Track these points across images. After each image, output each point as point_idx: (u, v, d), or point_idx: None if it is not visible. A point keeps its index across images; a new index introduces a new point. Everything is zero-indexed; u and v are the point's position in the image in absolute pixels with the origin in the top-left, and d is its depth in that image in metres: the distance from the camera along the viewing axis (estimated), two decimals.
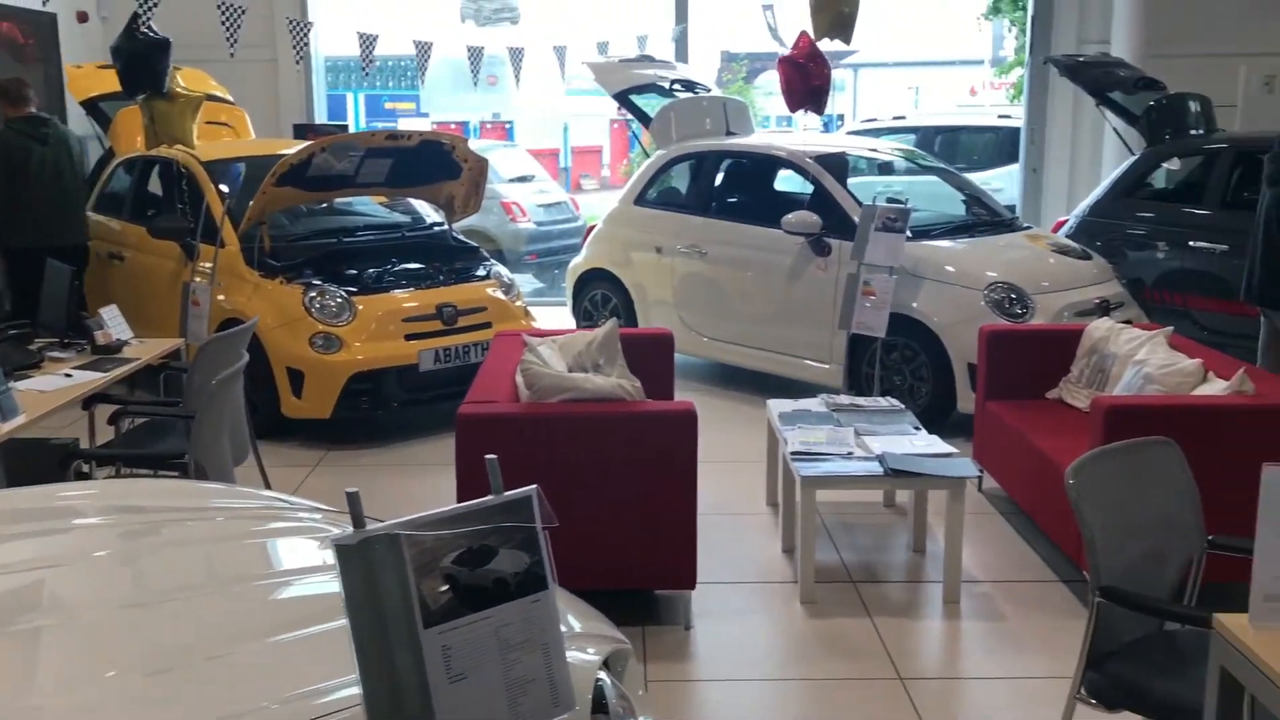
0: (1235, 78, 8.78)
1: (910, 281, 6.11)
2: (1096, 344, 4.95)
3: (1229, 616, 2.19)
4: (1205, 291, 7.21)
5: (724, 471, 5.52)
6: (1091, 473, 2.71)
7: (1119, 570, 2.69)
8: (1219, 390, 4.02)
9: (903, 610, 4.10)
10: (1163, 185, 8.13)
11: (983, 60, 26.86)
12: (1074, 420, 4.63)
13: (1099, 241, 7.44)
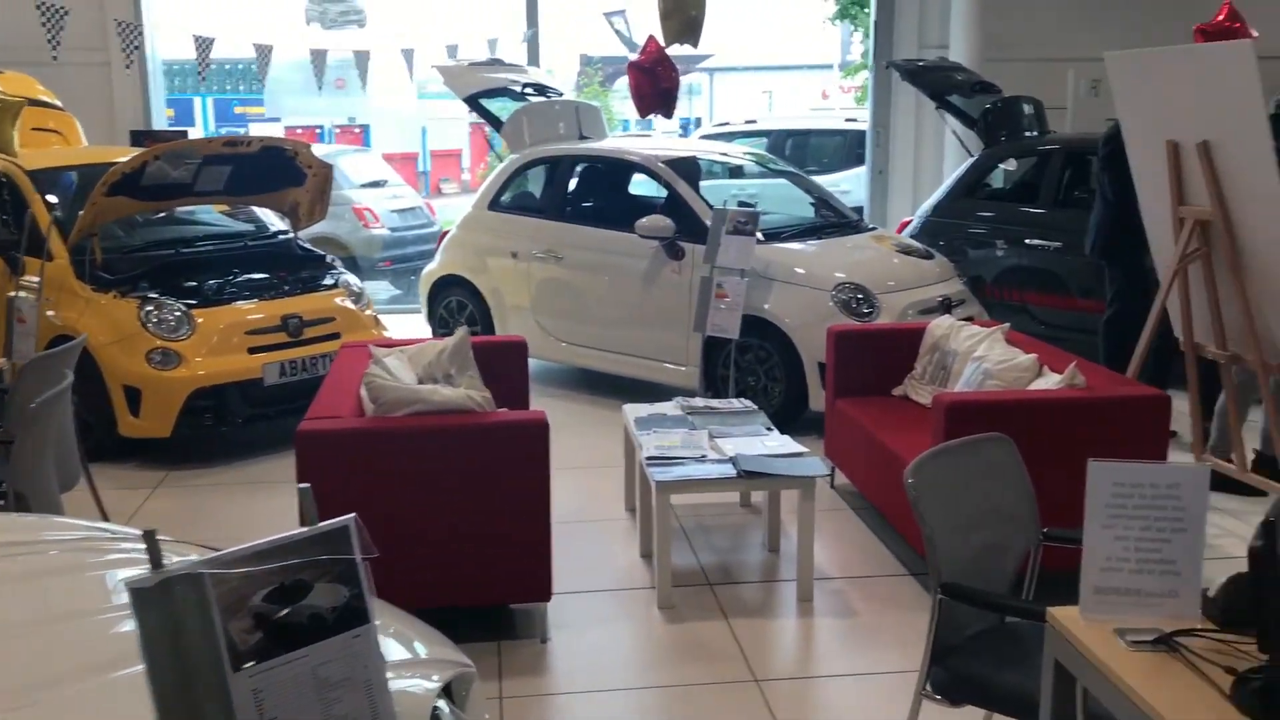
0: (1065, 81, 9.17)
1: (762, 283, 6.18)
2: (938, 341, 5.08)
3: (1061, 610, 2.25)
4: (1042, 287, 7.50)
5: (583, 477, 5.49)
6: (929, 471, 2.76)
7: (960, 565, 2.75)
8: (1053, 384, 4.16)
9: (758, 611, 4.13)
10: (1000, 185, 8.44)
11: (832, 64, 27.52)
12: (918, 416, 4.74)
13: (941, 241, 7.67)
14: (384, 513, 3.59)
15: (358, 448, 3.60)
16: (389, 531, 3.63)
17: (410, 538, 3.64)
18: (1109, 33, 9.26)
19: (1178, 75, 4.50)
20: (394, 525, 3.61)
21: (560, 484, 4.32)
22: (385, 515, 3.60)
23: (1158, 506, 2.20)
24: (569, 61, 28.17)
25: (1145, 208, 5.03)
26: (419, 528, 3.66)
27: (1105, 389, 4.08)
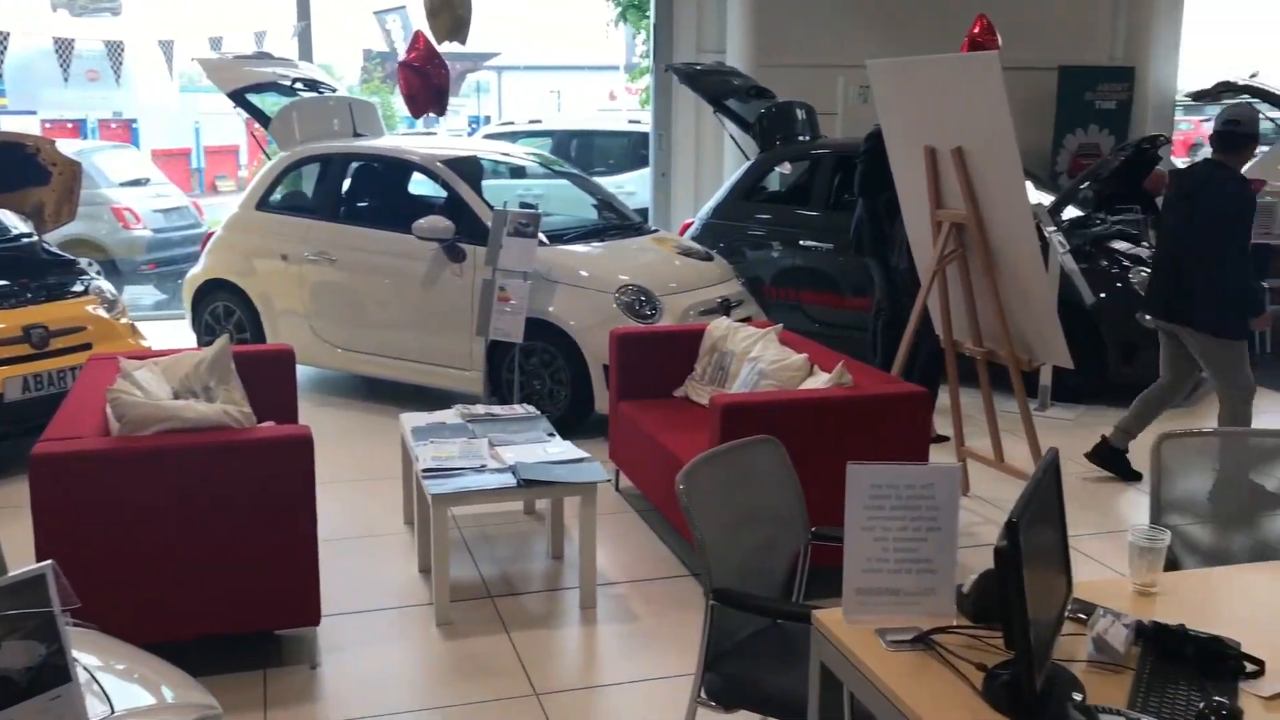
0: (835, 87, 9.49)
1: (545, 286, 6.12)
2: (716, 342, 5.14)
3: (825, 613, 2.27)
4: (816, 287, 7.74)
5: (360, 490, 5.28)
6: (700, 477, 2.75)
7: (733, 569, 2.75)
8: (822, 383, 4.27)
9: (541, 621, 4.05)
10: (776, 188, 8.66)
11: (619, 66, 27.77)
12: (698, 417, 4.78)
13: (721, 243, 7.81)
14: (133, 540, 3.33)
15: (100, 471, 3.31)
16: (139, 560, 3.37)
17: (163, 566, 3.39)
18: (877, 41, 9.65)
19: (933, 83, 4.69)
20: (144, 553, 3.35)
21: (335, 498, 4.15)
22: (135, 543, 3.34)
23: (913, 506, 2.24)
24: (351, 57, 27.36)
25: (906, 210, 5.24)
26: (173, 555, 3.41)
27: (870, 387, 4.21)
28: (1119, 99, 10.58)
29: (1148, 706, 1.89)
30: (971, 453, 5.30)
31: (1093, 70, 10.60)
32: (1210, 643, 2.03)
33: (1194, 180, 5.13)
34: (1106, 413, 6.79)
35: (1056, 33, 10.35)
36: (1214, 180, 4.97)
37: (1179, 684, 1.96)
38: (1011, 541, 1.81)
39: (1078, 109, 10.58)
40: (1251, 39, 17.11)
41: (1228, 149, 4.98)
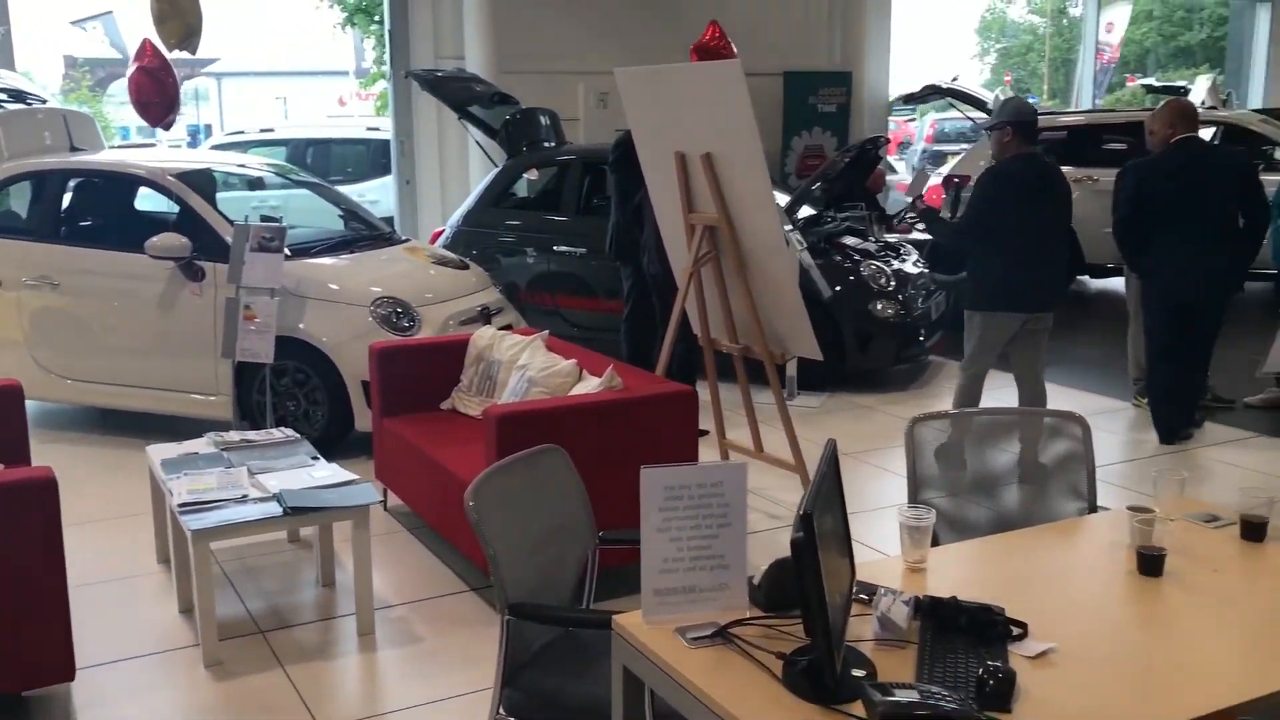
0: (577, 94, 9.63)
1: (294, 302, 5.89)
2: (482, 352, 5.11)
3: (625, 617, 2.30)
4: (572, 291, 7.82)
5: (108, 531, 4.92)
6: (489, 491, 2.73)
7: (526, 580, 2.74)
8: (593, 388, 4.32)
9: (317, 653, 3.90)
10: (525, 194, 8.69)
11: (348, 71, 27.05)
12: (469, 429, 4.73)
13: (474, 250, 7.76)
14: None
15: None
16: None
17: None
18: (615, 48, 9.86)
19: (680, 91, 4.84)
20: None
21: (81, 541, 3.84)
22: None
23: (705, 505, 2.31)
24: (52, 63, 25.40)
25: (660, 214, 5.37)
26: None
27: (640, 389, 4.29)
28: (839, 102, 11.25)
29: (933, 677, 2.02)
30: (732, 444, 5.50)
31: (815, 75, 11.22)
32: (980, 611, 2.20)
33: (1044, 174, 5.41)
34: (848, 398, 7.21)
35: (781, 40, 10.89)
36: (1052, 174, 5.39)
37: (957, 653, 2.11)
38: (807, 532, 1.89)
39: (802, 112, 11.18)
40: (951, 45, 18.56)
41: (1026, 138, 5.32)
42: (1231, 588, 2.42)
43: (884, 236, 8.50)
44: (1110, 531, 2.74)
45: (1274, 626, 2.25)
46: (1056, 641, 2.15)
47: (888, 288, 7.39)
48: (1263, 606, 2.33)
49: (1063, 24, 24.97)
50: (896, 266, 7.67)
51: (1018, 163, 5.34)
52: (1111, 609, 2.37)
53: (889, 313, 7.30)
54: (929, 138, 19.48)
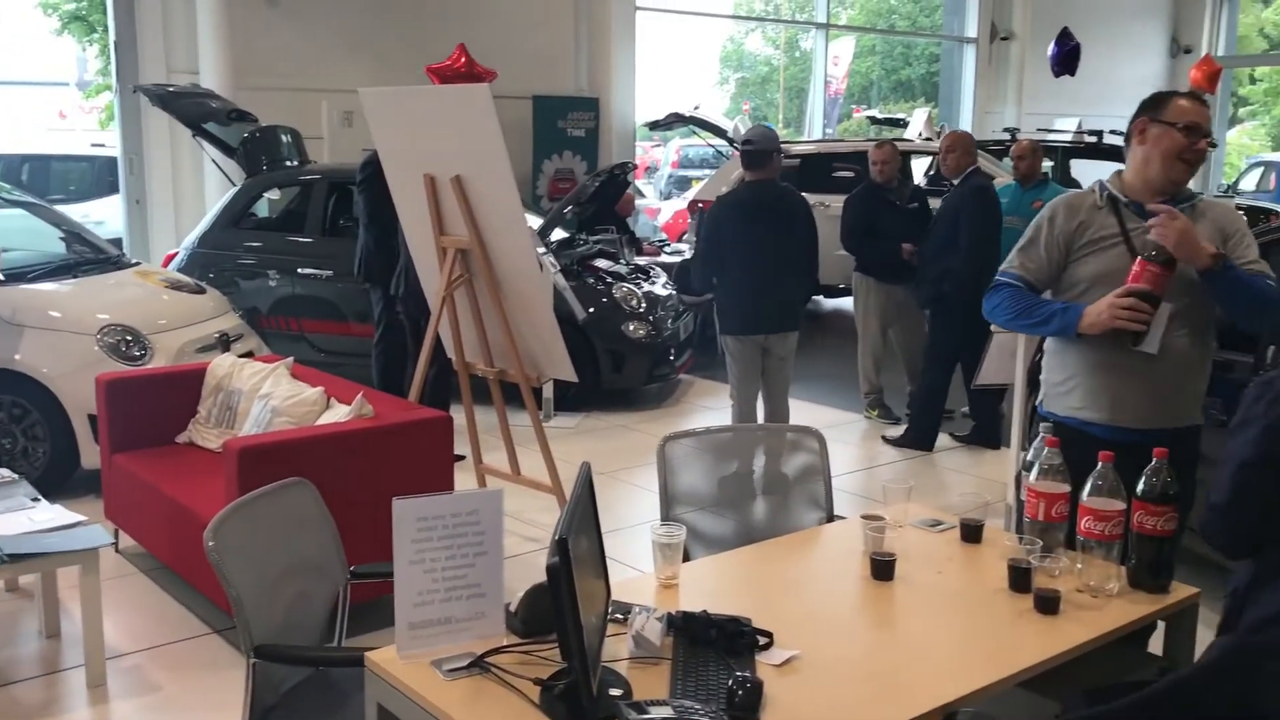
0: (320, 112, 9.36)
1: (10, 331, 5.43)
2: (221, 381, 4.87)
3: (378, 653, 2.25)
4: (318, 315, 7.58)
5: None
6: (230, 529, 2.60)
7: (273, 621, 2.63)
8: (342, 416, 4.19)
9: (42, 710, 3.60)
10: (267, 215, 8.37)
11: (69, 82, 25.26)
12: (208, 464, 4.50)
13: (211, 273, 7.41)
14: None
15: None
16: None
17: None
18: (360, 66, 9.66)
19: (429, 113, 4.79)
20: None
21: None
22: None
23: (460, 534, 2.29)
24: None
25: (410, 237, 5.30)
26: None
27: (392, 416, 4.21)
28: (587, 127, 11.44)
29: (686, 691, 2.08)
30: (489, 469, 5.48)
31: (563, 100, 11.37)
32: (729, 623, 2.28)
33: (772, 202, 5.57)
34: (604, 418, 7.33)
35: (530, 64, 10.97)
36: (786, 199, 5.56)
37: (708, 665, 2.18)
38: (563, 557, 1.91)
39: (552, 136, 11.30)
40: (695, 74, 19.25)
41: (754, 165, 5.48)
42: (953, 588, 2.61)
43: (634, 259, 8.70)
44: (846, 539, 2.89)
45: (990, 623, 2.44)
46: (799, 649, 2.26)
47: (639, 309, 7.56)
48: (980, 604, 2.52)
49: (796, 56, 26.34)
50: (647, 288, 7.86)
51: (747, 190, 5.57)
52: (848, 614, 2.51)
53: (641, 333, 7.47)
54: (675, 163, 20.10)
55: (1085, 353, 3.05)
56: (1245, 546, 2.22)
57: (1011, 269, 3.15)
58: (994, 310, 3.17)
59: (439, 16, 10.36)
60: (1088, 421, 3.01)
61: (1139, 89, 14.49)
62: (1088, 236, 3.06)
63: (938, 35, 18.31)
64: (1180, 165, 3.02)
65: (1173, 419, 3.04)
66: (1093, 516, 2.58)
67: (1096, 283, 3.01)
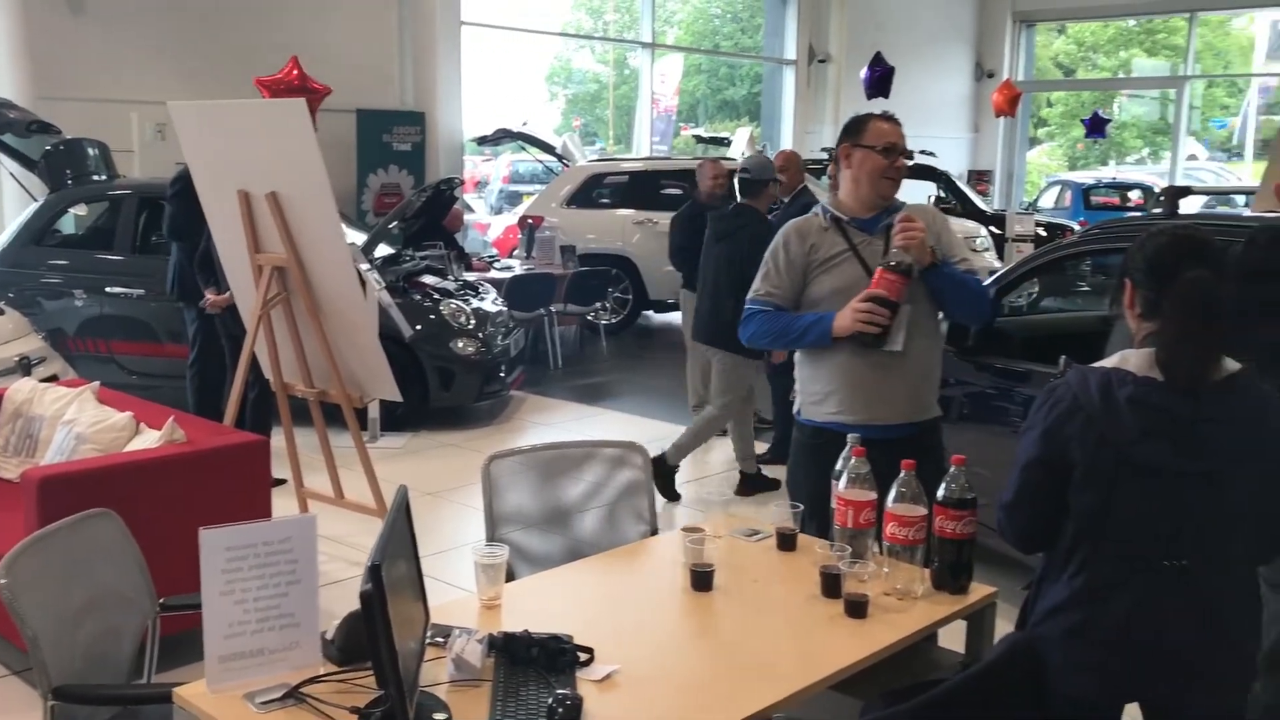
0: (129, 124, 8.96)
1: None
2: (20, 407, 4.61)
3: (187, 688, 2.17)
4: (128, 336, 7.25)
5: None
6: (26, 566, 2.47)
7: (74, 659, 2.51)
8: (152, 442, 4.02)
9: None
10: (73, 231, 7.97)
11: None
12: (7, 495, 4.25)
13: (11, 293, 7.01)
14: None
15: None
16: None
17: None
18: (175, 77, 9.30)
19: (242, 128, 4.66)
20: None
21: None
22: None
23: (272, 563, 2.24)
24: None
25: (224, 255, 5.13)
26: None
27: (205, 441, 4.06)
28: (413, 141, 11.31)
29: (507, 712, 2.08)
30: (311, 492, 5.34)
31: (388, 114, 11.21)
32: (550, 641, 2.29)
33: (726, 223, 6.05)
34: (433, 437, 7.24)
35: (353, 77, 10.77)
36: (740, 223, 5.93)
37: (529, 685, 2.18)
38: (375, 584, 1.89)
39: (377, 151, 11.12)
40: (526, 90, 19.24)
41: (747, 194, 6.03)
42: (769, 596, 2.69)
43: (463, 275, 8.64)
44: (668, 552, 2.95)
45: (803, 628, 2.52)
46: (620, 663, 2.29)
47: (468, 326, 7.50)
48: (794, 611, 2.61)
49: (625, 73, 26.68)
50: (476, 305, 7.81)
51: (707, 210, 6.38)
52: (668, 626, 2.56)
53: (470, 350, 7.41)
54: (505, 178, 20.03)
55: (840, 361, 3.27)
56: (1035, 542, 2.37)
57: (759, 296, 3.36)
58: (753, 337, 3.39)
59: (259, 28, 10.07)
60: (845, 424, 3.18)
61: (948, 110, 15.26)
62: (820, 256, 3.30)
63: (758, 57, 18.83)
64: (886, 182, 3.29)
65: (920, 412, 3.33)
66: (897, 522, 2.71)
67: (835, 296, 3.25)
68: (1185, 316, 2.17)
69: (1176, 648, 2.19)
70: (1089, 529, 2.23)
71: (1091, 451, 2.18)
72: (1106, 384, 2.20)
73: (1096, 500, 2.20)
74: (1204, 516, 2.18)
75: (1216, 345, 2.18)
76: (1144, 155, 24.32)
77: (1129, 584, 2.20)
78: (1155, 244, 2.28)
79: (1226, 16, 20.05)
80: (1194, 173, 20.01)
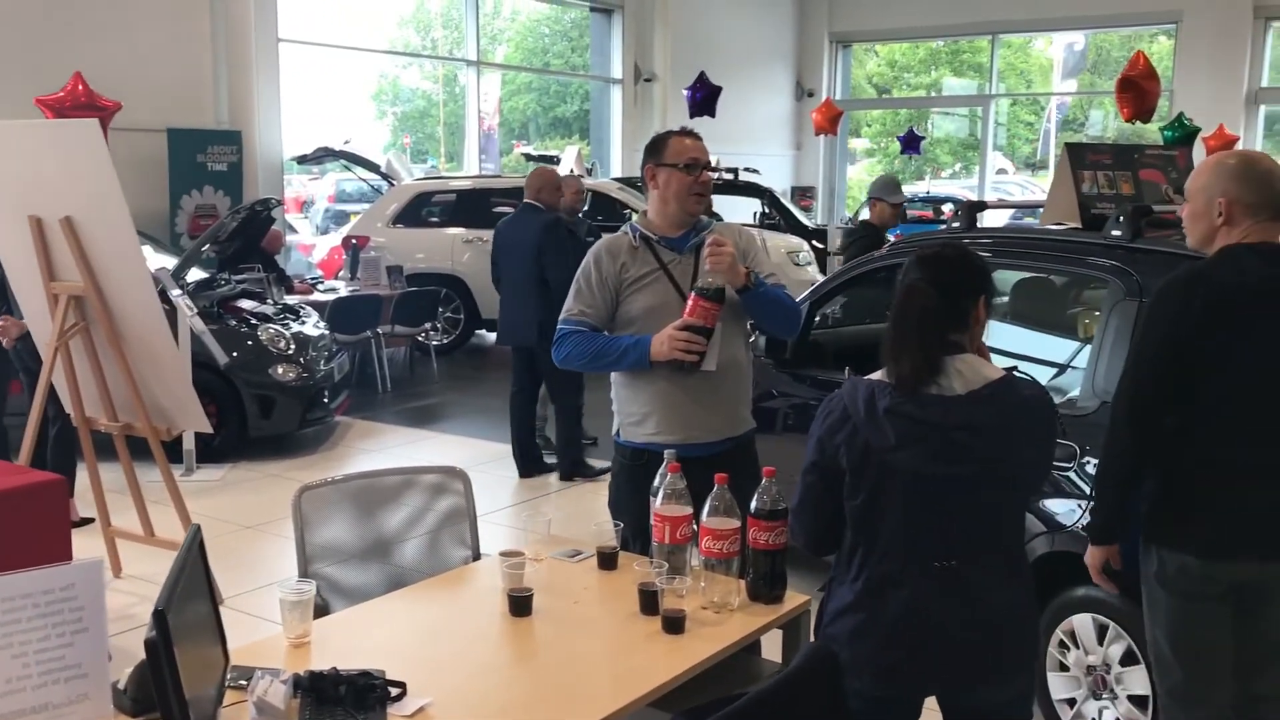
0: None
1: None
2: None
3: None
4: None
5: None
6: None
7: None
8: None
9: None
10: None
11: None
12: None
13: None
14: None
15: None
16: None
17: None
18: None
19: (31, 150, 4.42)
20: None
21: None
22: None
23: (54, 612, 2.10)
24: None
25: (15, 284, 4.85)
26: None
27: None
28: (230, 161, 10.92)
29: None
30: (119, 531, 5.07)
31: (202, 133, 10.79)
32: (359, 678, 2.22)
33: None
34: (254, 467, 6.98)
35: (163, 95, 10.35)
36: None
37: None
38: (160, 630, 1.79)
39: (191, 171, 10.69)
40: (351, 108, 18.86)
41: None
42: (588, 616, 2.68)
43: (283, 298, 8.38)
44: (488, 577, 2.90)
45: (622, 647, 2.52)
46: (433, 695, 2.24)
47: (288, 350, 7.27)
48: (612, 630, 2.60)
49: (455, 91, 26.46)
50: (296, 329, 7.58)
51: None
52: (486, 653, 2.52)
53: (290, 376, 7.19)
54: (331, 198, 19.55)
55: (656, 383, 3.26)
56: (822, 544, 2.46)
57: (572, 316, 3.32)
58: (566, 358, 3.33)
59: (54, 41, 9.55)
60: (665, 445, 3.18)
61: (771, 128, 15.63)
62: (632, 275, 3.29)
63: (585, 75, 18.95)
64: (692, 199, 3.29)
65: (735, 426, 3.36)
66: (712, 536, 2.74)
67: (648, 315, 3.25)
68: (894, 322, 2.33)
69: (953, 642, 2.30)
70: (864, 532, 2.35)
71: (858, 458, 2.30)
72: (871, 395, 2.32)
73: (866, 504, 2.32)
74: (967, 518, 2.30)
75: (922, 350, 2.29)
76: (956, 170, 25.52)
77: (903, 583, 2.31)
78: (906, 261, 2.42)
79: (1026, 39, 21.22)
80: (1002, 185, 21.10)
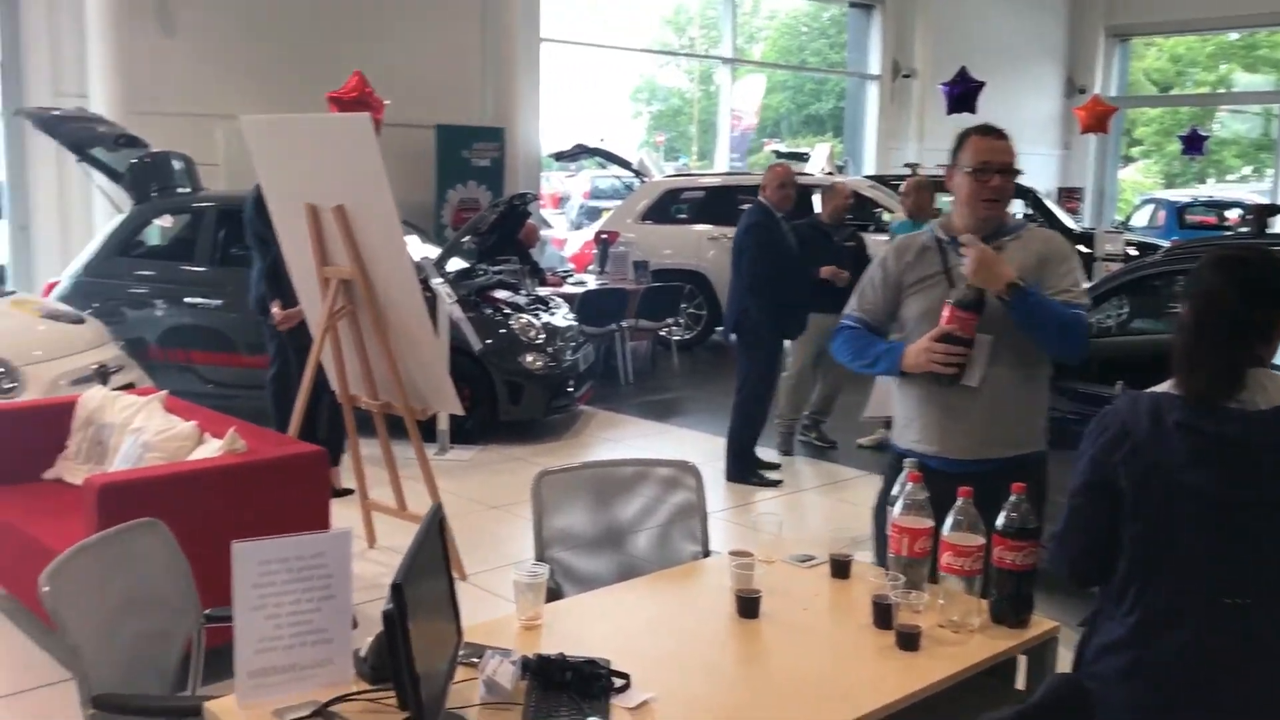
0: (214, 137, 9.16)
1: None
2: (92, 415, 4.70)
3: (218, 702, 2.16)
4: (207, 346, 7.38)
5: None
6: (71, 573, 2.48)
7: (117, 668, 2.51)
8: (214, 451, 4.06)
9: None
10: (157, 242, 8.15)
11: None
12: (73, 501, 4.30)
13: (96, 303, 7.18)
14: None
15: None
16: None
17: None
18: (255, 93, 9.49)
19: (310, 142, 4.70)
20: None
21: None
22: None
23: (305, 578, 2.21)
24: None
25: (292, 267, 5.19)
26: None
27: (265, 451, 4.08)
28: (493, 157, 11.38)
29: None
30: (375, 504, 5.36)
31: (467, 130, 11.30)
32: (585, 665, 2.23)
33: None
34: (502, 450, 7.23)
35: (433, 93, 10.90)
36: None
37: (560, 711, 2.12)
38: (397, 604, 1.84)
39: (456, 165, 11.22)
40: (609, 106, 19.33)
41: None
42: (818, 625, 2.59)
43: (536, 290, 8.65)
44: (717, 576, 2.86)
45: (851, 660, 2.42)
46: (656, 690, 2.21)
47: (537, 340, 7.49)
48: (843, 641, 2.51)
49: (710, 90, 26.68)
50: (546, 319, 7.80)
51: None
52: (710, 653, 2.47)
53: (539, 364, 7.40)
54: (586, 194, 20.12)
55: (916, 390, 3.11)
56: (1087, 575, 2.25)
57: (852, 311, 3.23)
58: (837, 351, 3.26)
59: (342, 44, 10.23)
60: (924, 454, 3.03)
61: (1038, 127, 14.89)
62: (915, 275, 3.12)
63: (842, 71, 18.65)
64: (981, 204, 3.03)
65: (1005, 448, 3.05)
66: (953, 552, 2.59)
67: (921, 320, 3.07)
68: (1189, 329, 2.10)
69: (1233, 692, 2.05)
70: (1142, 562, 2.11)
71: (1140, 479, 2.08)
72: (1156, 408, 2.09)
73: (1148, 531, 2.09)
74: (1269, 550, 2.04)
75: (1226, 360, 2.05)
76: (1246, 173, 23.55)
77: (1184, 622, 2.08)
78: (1199, 263, 2.17)
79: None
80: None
